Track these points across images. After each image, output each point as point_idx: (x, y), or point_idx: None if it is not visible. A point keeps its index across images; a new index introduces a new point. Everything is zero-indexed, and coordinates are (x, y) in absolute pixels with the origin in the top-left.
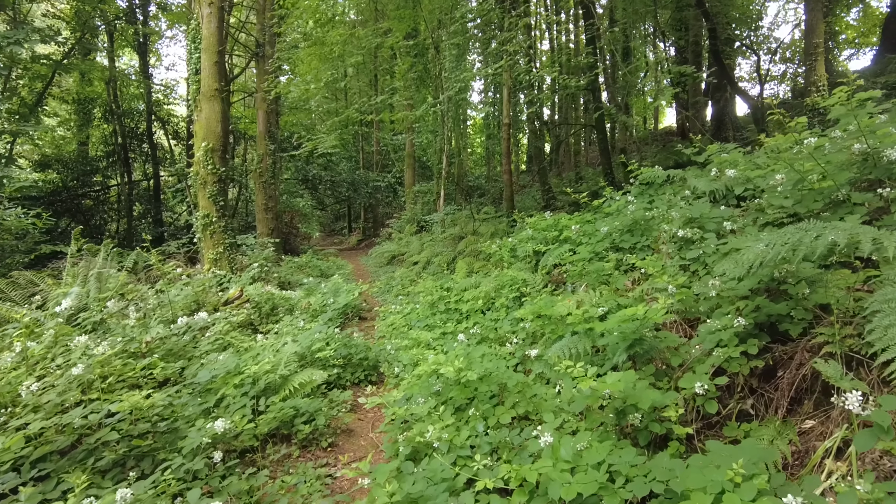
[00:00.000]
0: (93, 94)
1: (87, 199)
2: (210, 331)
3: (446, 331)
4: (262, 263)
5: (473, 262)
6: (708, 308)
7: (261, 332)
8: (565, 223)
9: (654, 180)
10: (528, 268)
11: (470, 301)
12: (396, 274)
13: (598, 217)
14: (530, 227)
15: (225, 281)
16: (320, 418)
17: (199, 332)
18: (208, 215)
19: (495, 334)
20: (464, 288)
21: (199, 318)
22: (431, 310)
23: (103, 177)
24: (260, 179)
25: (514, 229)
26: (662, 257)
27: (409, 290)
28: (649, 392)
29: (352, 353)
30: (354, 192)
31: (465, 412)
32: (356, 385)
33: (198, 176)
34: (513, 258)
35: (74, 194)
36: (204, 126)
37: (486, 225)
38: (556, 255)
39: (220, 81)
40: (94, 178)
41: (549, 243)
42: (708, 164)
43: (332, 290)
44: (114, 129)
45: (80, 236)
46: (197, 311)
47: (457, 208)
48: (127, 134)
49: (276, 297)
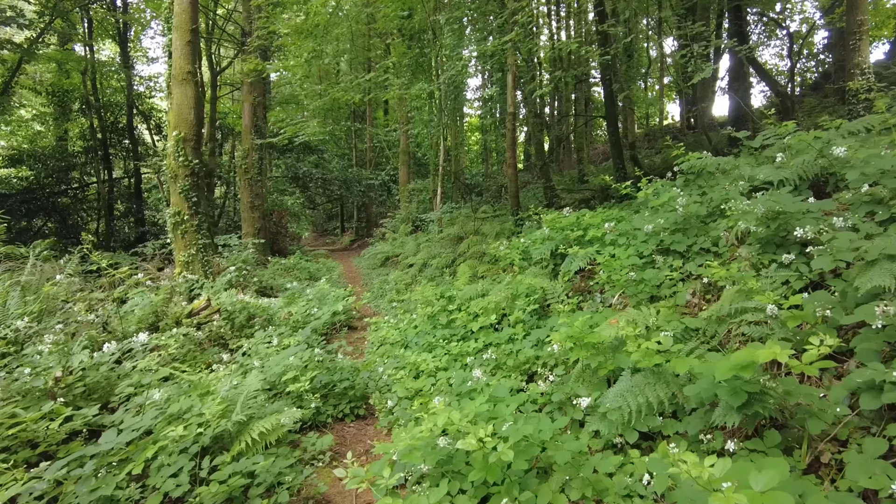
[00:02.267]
0: (70, 85)
1: (65, 196)
2: (160, 353)
3: (451, 352)
4: (240, 267)
5: (477, 265)
6: (857, 345)
7: (231, 347)
8: (589, 221)
9: (701, 169)
10: (544, 273)
11: (479, 314)
12: (390, 277)
13: (631, 213)
14: (547, 225)
15: (196, 287)
16: (283, 495)
17: (148, 353)
18: (179, 213)
19: (514, 360)
20: (468, 297)
21: (138, 340)
22: (431, 323)
23: (81, 173)
24: (245, 176)
25: (522, 228)
26: (739, 264)
27: (404, 298)
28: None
29: (334, 380)
30: (347, 191)
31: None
32: (339, 420)
33: (169, 169)
34: (524, 261)
35: (50, 192)
36: (175, 113)
37: (489, 224)
38: (580, 259)
39: (194, 63)
40: (72, 175)
41: (571, 244)
42: (766, 149)
43: (317, 297)
44: (91, 123)
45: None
46: (156, 324)
47: (455, 206)
48: (107, 128)
49: (252, 307)
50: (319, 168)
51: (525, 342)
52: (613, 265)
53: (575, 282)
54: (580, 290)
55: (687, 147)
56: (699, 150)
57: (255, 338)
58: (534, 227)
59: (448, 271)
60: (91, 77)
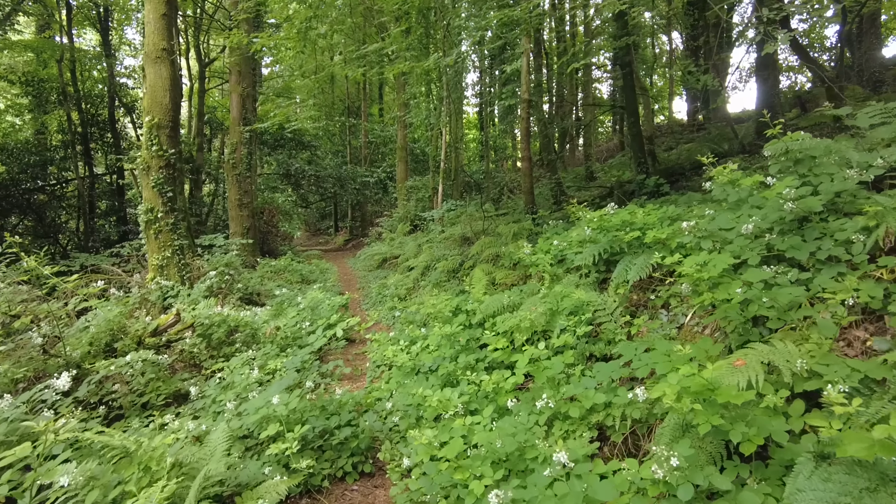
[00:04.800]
0: (48, 75)
1: (42, 193)
2: None
3: (481, 387)
4: (222, 271)
5: (494, 270)
6: None
7: (207, 371)
8: (644, 218)
9: (804, 153)
10: (586, 283)
11: (511, 333)
12: (390, 281)
13: (687, 209)
14: (591, 224)
15: (171, 294)
16: None
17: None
18: (153, 209)
19: (579, 410)
20: (492, 310)
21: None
22: (449, 344)
23: (59, 169)
24: (233, 172)
25: (543, 228)
26: None
27: (406, 306)
28: None
29: (331, 425)
30: (341, 189)
31: None
32: (339, 481)
33: (141, 160)
34: (555, 267)
35: (26, 188)
36: (149, 96)
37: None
38: (640, 266)
39: (170, 40)
40: (50, 171)
41: (623, 248)
42: (875, 130)
43: (310, 308)
44: (68, 115)
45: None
46: (112, 344)
47: (460, 204)
48: (87, 121)
49: (233, 320)
50: (312, 165)
51: (587, 381)
52: (701, 276)
53: (632, 295)
54: (637, 305)
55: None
56: (722, 144)
57: (235, 361)
58: (559, 227)
59: (455, 276)
60: (70, 66)
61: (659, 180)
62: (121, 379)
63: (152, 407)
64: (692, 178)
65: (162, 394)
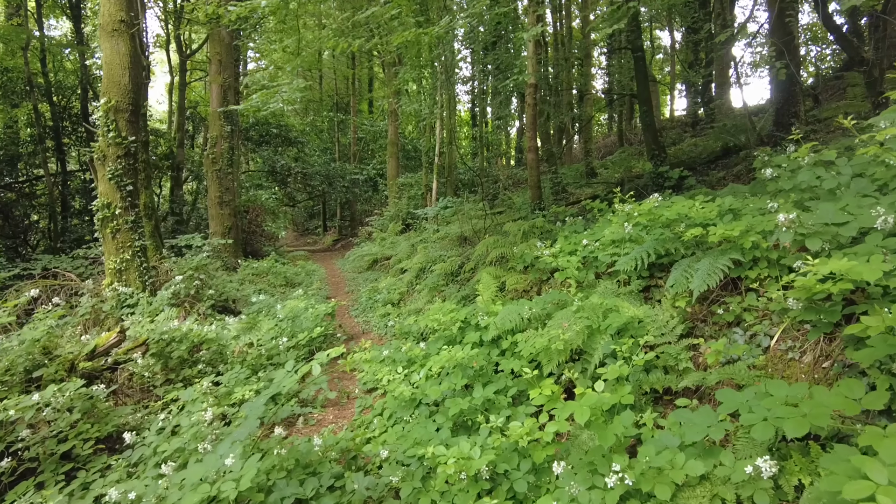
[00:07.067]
0: (16, 65)
1: (10, 191)
2: None
3: (509, 437)
4: (191, 275)
5: (503, 273)
6: None
7: (163, 400)
8: (700, 213)
9: None
10: (626, 293)
11: (537, 359)
12: (381, 284)
13: (742, 199)
14: (631, 221)
15: (130, 303)
16: None
17: None
18: (109, 205)
19: (669, 488)
20: (509, 326)
21: None
22: (461, 375)
23: (28, 165)
24: (213, 167)
25: (556, 227)
26: None
27: (399, 312)
28: None
29: (306, 493)
30: (329, 186)
31: None
32: None
33: (97, 148)
34: (581, 271)
35: None
36: (106, 76)
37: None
38: (708, 272)
39: (129, 10)
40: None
41: (676, 249)
42: None
43: (289, 319)
44: (35, 106)
45: None
46: (32, 372)
47: (456, 201)
48: (59, 114)
49: (195, 335)
50: (299, 162)
51: (660, 434)
52: (826, 287)
53: (695, 309)
54: (691, 320)
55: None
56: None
57: (190, 391)
58: (578, 224)
59: (455, 279)
60: (39, 55)
61: (683, 172)
62: (38, 420)
63: (77, 458)
64: (707, 171)
65: (91, 438)
